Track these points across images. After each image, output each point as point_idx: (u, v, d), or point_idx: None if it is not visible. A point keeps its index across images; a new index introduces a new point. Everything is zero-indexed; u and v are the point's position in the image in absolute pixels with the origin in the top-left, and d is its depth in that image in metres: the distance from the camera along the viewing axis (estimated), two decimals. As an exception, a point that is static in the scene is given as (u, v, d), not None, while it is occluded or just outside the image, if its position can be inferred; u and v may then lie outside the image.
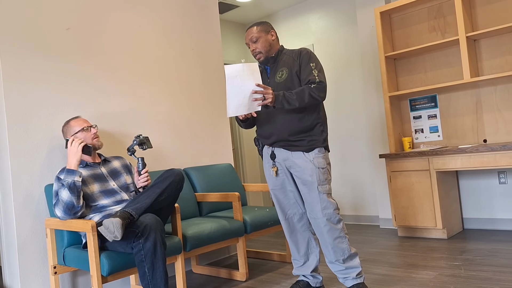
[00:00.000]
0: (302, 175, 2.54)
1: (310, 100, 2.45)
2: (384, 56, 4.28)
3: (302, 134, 2.54)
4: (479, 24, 3.97)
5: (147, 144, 2.88)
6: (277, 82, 2.59)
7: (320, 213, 2.52)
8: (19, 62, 2.85)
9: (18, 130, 2.81)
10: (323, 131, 2.59)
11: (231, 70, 2.36)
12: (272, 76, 2.64)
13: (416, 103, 4.43)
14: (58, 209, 2.51)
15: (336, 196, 5.27)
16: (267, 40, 2.62)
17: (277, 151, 2.63)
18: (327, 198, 2.52)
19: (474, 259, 3.20)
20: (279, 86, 2.56)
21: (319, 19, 5.37)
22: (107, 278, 2.41)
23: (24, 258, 2.76)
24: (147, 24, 3.64)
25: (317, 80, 2.48)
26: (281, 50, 2.68)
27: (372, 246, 3.87)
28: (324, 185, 2.52)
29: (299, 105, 2.44)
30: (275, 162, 2.65)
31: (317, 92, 2.46)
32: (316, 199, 2.52)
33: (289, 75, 2.57)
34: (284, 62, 2.62)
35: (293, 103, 2.43)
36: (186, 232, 2.90)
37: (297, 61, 2.57)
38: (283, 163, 2.62)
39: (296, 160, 2.56)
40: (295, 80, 2.56)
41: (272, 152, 2.65)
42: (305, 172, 2.53)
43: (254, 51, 2.63)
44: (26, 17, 2.91)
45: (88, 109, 3.17)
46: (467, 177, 4.21)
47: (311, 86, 2.46)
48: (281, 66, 2.62)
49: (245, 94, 2.36)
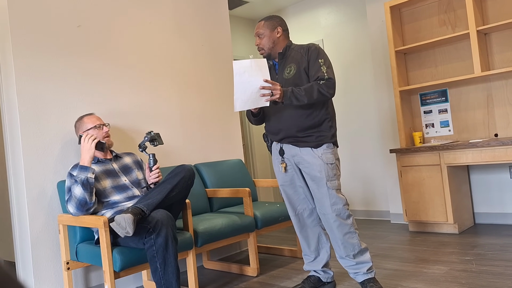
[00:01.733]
0: (311, 171, 2.54)
1: (318, 97, 2.44)
2: (394, 50, 4.25)
3: (310, 130, 2.54)
4: (490, 17, 3.93)
5: (158, 141, 2.90)
6: (285, 78, 2.58)
7: (330, 209, 2.51)
8: (31, 59, 2.88)
9: (31, 127, 2.84)
10: (331, 127, 2.58)
11: (239, 66, 2.36)
12: (280, 72, 2.64)
13: (426, 98, 4.40)
14: (70, 205, 2.54)
15: (347, 191, 5.26)
16: (271, 37, 2.62)
17: (285, 147, 2.63)
18: (336, 193, 2.52)
19: (486, 253, 3.19)
20: (287, 82, 2.55)
21: (328, 14, 5.35)
22: (119, 273, 2.44)
23: (37, 254, 2.80)
24: (158, 20, 3.66)
25: (326, 77, 2.47)
26: (289, 45, 2.66)
27: (383, 241, 3.86)
28: (333, 181, 2.52)
29: (308, 101, 2.43)
30: (284, 158, 2.65)
31: (326, 89, 2.44)
32: (325, 194, 2.52)
33: (297, 71, 2.55)
34: (292, 58, 2.61)
35: (302, 99, 2.42)
36: (197, 228, 2.91)
37: (305, 57, 2.56)
38: (292, 159, 2.62)
39: (304, 156, 2.55)
40: (303, 76, 2.54)
41: (281, 148, 2.65)
42: (313, 168, 2.52)
43: (258, 46, 2.65)
44: (38, 15, 2.94)
45: (99, 106, 3.20)
46: (478, 171, 4.18)
47: (320, 83, 2.44)
48: (289, 62, 2.61)
49: (253, 89, 2.37)
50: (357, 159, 5.15)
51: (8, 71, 2.87)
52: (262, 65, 2.39)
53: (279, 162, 2.68)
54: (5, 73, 2.91)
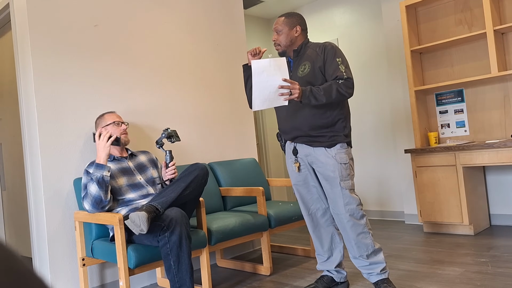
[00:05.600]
0: (325, 171, 2.52)
1: (337, 96, 2.40)
2: (409, 50, 4.22)
3: (324, 130, 2.51)
4: (507, 17, 3.88)
5: (175, 137, 2.92)
6: (299, 76, 2.55)
7: (343, 209, 2.50)
8: (49, 59, 2.93)
9: (48, 126, 2.89)
10: (345, 127, 2.55)
11: (258, 66, 2.34)
12: (294, 69, 2.61)
13: (442, 98, 4.36)
14: (86, 203, 2.57)
15: (361, 191, 5.24)
16: (289, 35, 2.59)
17: (299, 146, 2.62)
18: (349, 193, 2.50)
19: (502, 255, 3.15)
20: (301, 80, 2.52)
21: (343, 13, 5.33)
22: (134, 270, 2.47)
23: (53, 250, 2.84)
24: (173, 20, 3.69)
25: (345, 76, 2.43)
26: (305, 43, 2.63)
27: (397, 242, 3.84)
28: (346, 181, 2.50)
29: (326, 100, 2.40)
30: (297, 158, 2.64)
31: (344, 88, 2.41)
32: (339, 194, 2.50)
33: (311, 70, 2.52)
34: (308, 56, 2.58)
35: (320, 99, 2.39)
36: (211, 226, 2.93)
37: (321, 56, 2.52)
38: (306, 158, 2.61)
39: (318, 156, 2.54)
40: (318, 75, 2.50)
41: (294, 148, 2.64)
42: (327, 168, 2.51)
43: (275, 42, 2.64)
44: (56, 15, 2.98)
45: (116, 105, 3.23)
46: (494, 172, 4.13)
47: (339, 82, 2.41)
48: (304, 60, 2.58)
49: (271, 89, 2.34)
50: (371, 159, 5.13)
51: (27, 71, 2.92)
52: (281, 64, 2.36)
53: (293, 161, 2.67)
54: (24, 73, 2.96)
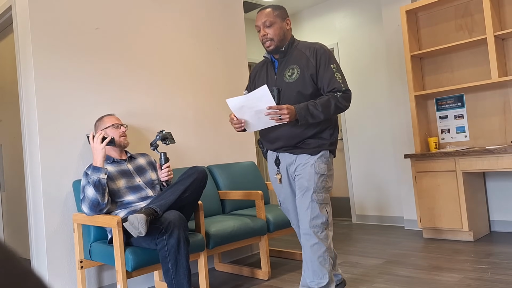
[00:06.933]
0: (300, 179, 2.34)
1: (335, 111, 2.24)
2: (410, 55, 4.22)
3: (310, 140, 2.34)
4: (508, 22, 3.88)
5: (170, 139, 2.90)
6: (286, 82, 2.32)
7: (307, 224, 2.29)
8: (50, 61, 2.93)
9: (49, 128, 2.88)
10: (332, 135, 2.38)
11: (234, 104, 2.19)
12: (280, 72, 2.36)
13: (442, 103, 4.36)
14: (84, 206, 2.57)
15: (360, 196, 5.23)
16: (282, 28, 2.34)
17: (281, 156, 2.45)
18: (319, 208, 2.28)
19: (501, 262, 3.14)
20: (288, 87, 2.31)
21: (343, 17, 5.34)
22: (131, 273, 2.46)
23: (52, 252, 2.83)
24: (173, 23, 3.69)
25: (343, 89, 2.25)
26: (292, 42, 2.39)
27: (397, 248, 3.83)
28: (320, 194, 2.29)
29: (324, 117, 2.23)
30: (279, 169, 2.47)
31: (344, 103, 2.24)
32: (307, 206, 2.29)
33: (301, 76, 2.29)
34: (296, 58, 2.33)
35: (318, 116, 2.20)
36: (209, 230, 2.92)
37: (312, 61, 2.29)
38: (288, 168, 2.43)
39: (299, 163, 2.36)
40: (309, 84, 2.28)
41: (277, 158, 2.46)
42: (303, 176, 2.32)
43: (265, 37, 2.33)
44: (57, 18, 2.98)
45: (116, 106, 3.23)
46: (494, 178, 4.12)
47: (337, 96, 2.22)
48: (291, 62, 2.34)
49: (259, 116, 2.18)
50: (371, 164, 5.12)
51: (28, 72, 2.92)
52: (261, 95, 2.13)
53: (275, 172, 2.50)
54: (25, 75, 2.96)
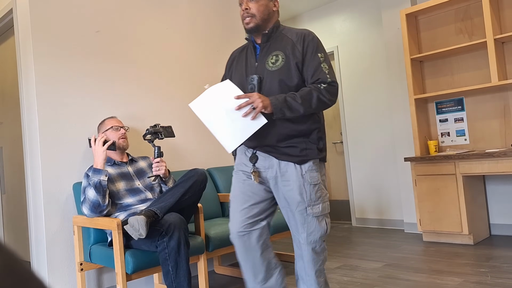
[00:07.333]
0: (290, 191, 2.00)
1: (318, 106, 1.94)
2: (409, 58, 4.23)
3: (295, 139, 2.00)
4: (507, 26, 3.89)
5: (164, 133, 2.82)
6: (269, 69, 2.01)
7: (304, 239, 2.03)
8: (51, 64, 2.94)
9: (49, 130, 2.89)
10: (320, 139, 2.05)
11: (197, 105, 1.93)
12: (261, 58, 2.05)
13: (442, 106, 4.36)
14: (85, 207, 2.58)
15: (360, 199, 5.22)
16: (267, 6, 2.05)
17: (260, 154, 2.06)
18: (316, 221, 2.01)
19: (502, 266, 3.14)
20: (271, 75, 1.99)
21: (344, 21, 5.35)
22: (131, 276, 2.46)
23: (52, 254, 2.83)
24: (174, 27, 3.70)
25: (329, 80, 1.95)
26: (277, 26, 2.10)
27: (396, 251, 3.83)
28: (316, 205, 1.99)
29: (304, 112, 1.92)
30: (257, 167, 2.05)
31: (328, 96, 1.94)
32: (302, 222, 2.01)
33: (286, 64, 1.98)
34: (280, 44, 2.04)
35: (297, 109, 1.90)
36: (209, 232, 2.92)
37: (299, 48, 1.99)
38: (266, 171, 2.04)
39: (284, 172, 2.00)
40: (294, 73, 1.98)
41: (254, 154, 2.07)
42: (293, 188, 1.99)
43: (247, 11, 2.03)
44: (58, 20, 2.99)
45: (117, 110, 3.23)
46: (494, 182, 4.12)
47: (320, 88, 1.93)
48: (275, 48, 2.04)
49: (231, 117, 1.86)
50: (371, 167, 5.12)
51: (29, 75, 2.93)
52: (225, 87, 1.91)
53: (250, 169, 2.06)
54: (26, 77, 2.97)
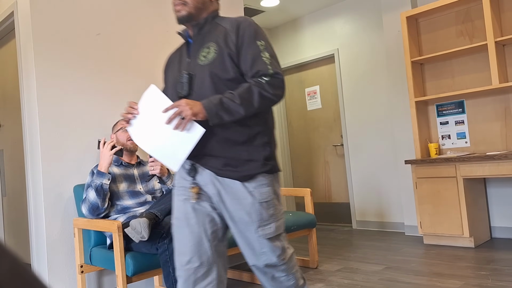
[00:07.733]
0: (236, 210, 1.70)
1: (261, 104, 1.64)
2: (410, 61, 4.23)
3: (236, 148, 1.69)
4: (508, 28, 3.90)
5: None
6: (200, 64, 1.72)
7: (257, 260, 1.75)
8: (51, 67, 2.94)
9: (50, 133, 2.89)
10: (267, 144, 1.73)
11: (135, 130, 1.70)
12: (194, 53, 1.78)
13: (443, 109, 4.36)
14: (84, 207, 2.61)
15: (361, 202, 5.22)
16: None
17: (198, 167, 1.74)
18: (268, 243, 1.71)
19: (503, 269, 3.13)
20: (202, 70, 1.71)
21: (344, 23, 5.35)
22: (131, 278, 2.46)
23: (52, 257, 2.83)
24: (174, 29, 3.70)
25: (271, 72, 1.65)
26: (213, 17, 1.84)
27: (397, 254, 3.82)
28: (267, 226, 1.70)
29: (246, 112, 1.62)
30: (196, 182, 1.74)
31: (272, 91, 1.64)
32: (251, 243, 1.73)
33: (218, 56, 1.69)
34: (213, 34, 1.76)
35: (236, 111, 1.60)
36: (209, 235, 2.92)
37: (232, 36, 1.70)
38: (206, 186, 1.73)
39: (227, 188, 1.70)
40: (229, 65, 1.68)
41: (192, 166, 1.74)
42: (239, 207, 1.69)
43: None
44: (59, 23, 3.00)
45: (116, 111, 3.23)
46: (495, 184, 4.12)
47: (262, 82, 1.64)
48: (208, 39, 1.76)
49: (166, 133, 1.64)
50: (371, 169, 5.12)
51: (30, 78, 2.93)
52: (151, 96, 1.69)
53: (189, 185, 1.75)
54: (27, 80, 2.97)
